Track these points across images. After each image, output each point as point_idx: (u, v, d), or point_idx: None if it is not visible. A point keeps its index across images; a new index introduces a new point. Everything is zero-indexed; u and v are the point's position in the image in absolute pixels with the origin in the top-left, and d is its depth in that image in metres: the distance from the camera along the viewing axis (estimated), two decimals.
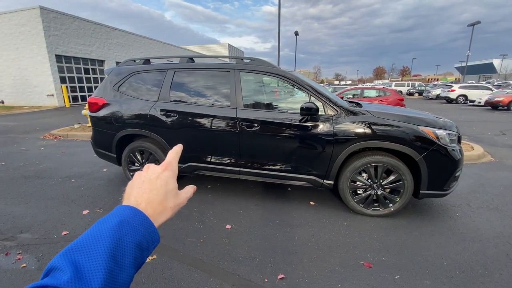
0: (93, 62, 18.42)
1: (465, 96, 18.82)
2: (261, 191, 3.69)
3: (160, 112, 3.34)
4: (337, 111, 2.95)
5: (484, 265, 2.20)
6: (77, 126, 8.13)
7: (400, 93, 11.88)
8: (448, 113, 12.45)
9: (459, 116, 11.51)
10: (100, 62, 19.07)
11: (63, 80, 16.11)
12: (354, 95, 11.03)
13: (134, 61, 3.70)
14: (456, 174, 2.84)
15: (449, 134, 2.81)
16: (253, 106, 3.23)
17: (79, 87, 17.54)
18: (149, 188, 0.44)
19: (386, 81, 59.57)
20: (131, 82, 3.58)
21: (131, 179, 0.47)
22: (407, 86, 33.15)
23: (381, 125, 2.83)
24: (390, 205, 2.95)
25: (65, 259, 0.33)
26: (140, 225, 0.39)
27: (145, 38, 23.58)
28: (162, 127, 3.35)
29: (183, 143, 0.57)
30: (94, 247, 0.34)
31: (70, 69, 16.69)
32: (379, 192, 2.94)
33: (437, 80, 74.25)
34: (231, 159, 3.29)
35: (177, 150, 0.52)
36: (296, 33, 26.20)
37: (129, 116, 3.48)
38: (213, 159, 3.34)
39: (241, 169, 3.26)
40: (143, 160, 3.64)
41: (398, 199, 2.91)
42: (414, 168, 2.84)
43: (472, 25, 27.63)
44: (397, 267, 2.19)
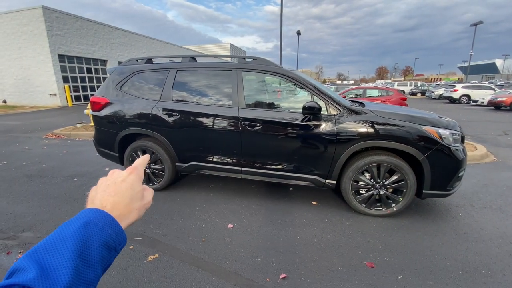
0: (95, 61, 18.49)
1: (468, 96, 18.76)
2: (263, 191, 3.68)
3: (162, 112, 3.34)
4: (339, 111, 2.94)
5: (487, 266, 2.19)
6: (80, 125, 8.16)
7: (402, 93, 11.83)
8: (451, 113, 12.39)
9: (462, 116, 11.46)
10: (103, 62, 19.15)
11: (65, 79, 16.19)
12: (356, 94, 11.00)
13: (137, 60, 3.70)
14: (460, 174, 2.82)
15: (452, 133, 2.79)
16: (255, 106, 3.22)
17: (82, 87, 17.62)
18: (115, 191, 0.45)
19: (389, 80, 59.36)
20: (134, 81, 3.58)
21: (96, 185, 0.48)
22: (410, 85, 33.03)
23: (384, 124, 2.81)
24: (393, 205, 2.94)
25: (29, 259, 0.33)
26: (106, 225, 0.40)
27: (147, 38, 23.66)
28: (164, 126, 3.35)
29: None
30: (59, 247, 0.34)
31: (72, 68, 16.76)
32: (381, 192, 2.93)
33: (440, 80, 73.91)
34: (233, 159, 3.28)
35: (144, 158, 0.55)
36: (298, 33, 26.18)
37: (132, 116, 3.48)
38: (215, 158, 3.33)
39: (243, 169, 3.25)
40: None
41: (401, 199, 2.89)
42: (417, 168, 2.83)
43: (475, 25, 27.51)
44: (400, 267, 2.18)
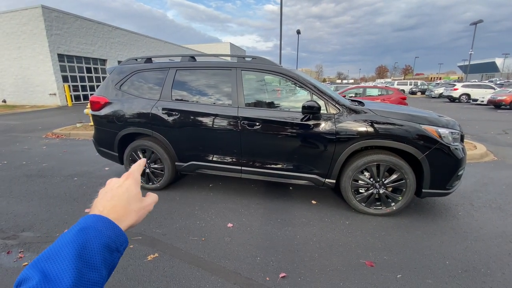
0: (95, 61, 18.46)
1: (468, 95, 18.75)
2: (262, 190, 3.68)
3: (162, 111, 3.34)
4: (339, 110, 2.94)
5: (487, 264, 2.19)
6: (79, 125, 8.16)
7: (402, 92, 11.83)
8: (450, 112, 12.38)
9: (461, 115, 11.45)
10: (102, 61, 19.11)
11: (65, 79, 16.16)
12: (356, 93, 10.99)
13: (136, 59, 3.70)
14: (459, 173, 2.83)
15: (452, 132, 2.79)
16: (255, 105, 3.22)
17: (81, 86, 17.59)
18: (111, 196, 0.47)
19: (389, 80, 59.34)
20: (133, 81, 3.58)
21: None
22: (410, 85, 32.98)
23: (384, 123, 2.81)
24: (392, 204, 2.94)
25: (32, 269, 0.34)
26: (104, 228, 0.41)
27: (147, 37, 23.61)
28: (164, 125, 3.35)
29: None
30: (59, 254, 0.36)
31: (72, 68, 16.73)
32: (381, 191, 2.93)
33: (440, 78, 73.90)
34: (232, 158, 3.28)
35: (140, 163, 0.56)
36: (298, 32, 26.13)
37: (131, 115, 3.48)
38: (215, 158, 3.33)
39: (243, 168, 3.26)
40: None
41: (400, 198, 2.90)
42: (417, 167, 2.83)
43: (475, 24, 27.44)
44: (399, 266, 2.18)
